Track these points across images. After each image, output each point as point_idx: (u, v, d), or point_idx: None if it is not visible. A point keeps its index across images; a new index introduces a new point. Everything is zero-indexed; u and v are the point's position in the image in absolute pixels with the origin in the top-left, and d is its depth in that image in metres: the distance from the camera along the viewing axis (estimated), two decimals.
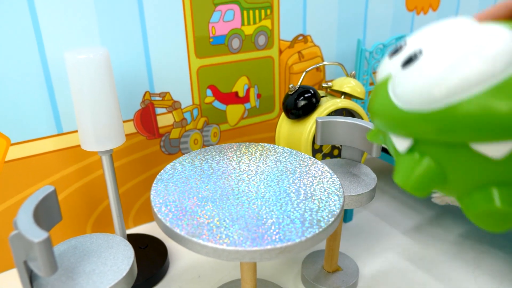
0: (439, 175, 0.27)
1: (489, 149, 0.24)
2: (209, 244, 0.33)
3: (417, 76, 0.25)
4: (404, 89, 0.26)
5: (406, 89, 0.26)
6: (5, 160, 0.56)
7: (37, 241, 0.32)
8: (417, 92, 0.25)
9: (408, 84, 0.26)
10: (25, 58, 0.54)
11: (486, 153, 0.24)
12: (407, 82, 0.26)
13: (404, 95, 0.26)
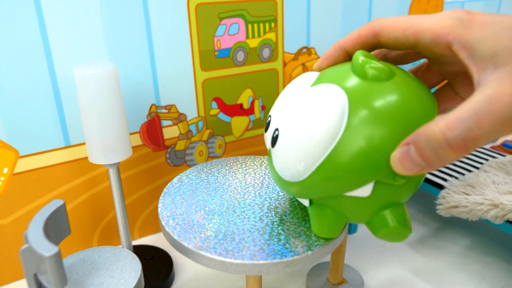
0: (341, 217, 0.34)
1: (356, 193, 0.32)
2: (217, 257, 0.33)
3: (278, 160, 0.33)
4: (277, 166, 0.33)
5: (278, 166, 0.33)
6: (14, 173, 0.57)
7: (47, 255, 0.32)
8: (282, 170, 0.33)
9: (278, 163, 0.33)
10: (34, 73, 0.55)
11: (357, 195, 0.31)
12: (277, 161, 0.33)
13: (279, 169, 0.33)
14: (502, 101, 0.23)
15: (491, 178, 0.66)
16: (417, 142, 0.26)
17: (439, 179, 0.68)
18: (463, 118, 0.24)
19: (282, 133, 0.33)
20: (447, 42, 0.28)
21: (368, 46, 0.34)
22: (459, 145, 0.24)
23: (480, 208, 0.59)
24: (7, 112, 0.54)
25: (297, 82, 0.36)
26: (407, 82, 0.31)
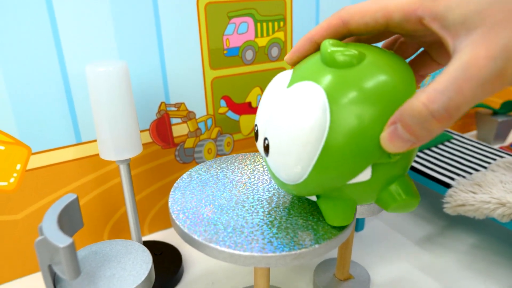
0: (350, 202, 0.35)
1: (358, 179, 0.33)
2: (226, 249, 0.34)
3: (275, 166, 0.34)
4: (276, 172, 0.35)
5: (277, 172, 0.34)
6: (27, 169, 0.58)
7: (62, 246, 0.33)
8: (281, 175, 0.34)
9: (276, 170, 0.34)
10: (46, 71, 0.56)
11: (359, 181, 0.32)
12: (275, 168, 0.34)
13: (279, 176, 0.35)
14: (477, 64, 0.24)
15: (498, 177, 0.66)
16: (403, 119, 0.27)
17: (447, 178, 0.68)
18: (442, 88, 0.24)
19: (272, 142, 0.33)
20: (417, 17, 0.28)
21: (338, 35, 0.34)
22: (443, 116, 0.25)
23: (487, 206, 0.59)
24: (19, 109, 0.56)
25: (274, 84, 0.36)
26: (380, 61, 0.31)
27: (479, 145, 0.82)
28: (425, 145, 0.80)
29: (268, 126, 0.33)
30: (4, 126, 0.55)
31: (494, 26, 0.24)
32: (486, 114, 1.06)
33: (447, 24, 0.26)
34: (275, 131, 0.32)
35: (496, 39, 0.24)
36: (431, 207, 0.80)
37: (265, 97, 0.36)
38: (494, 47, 0.24)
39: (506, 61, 0.24)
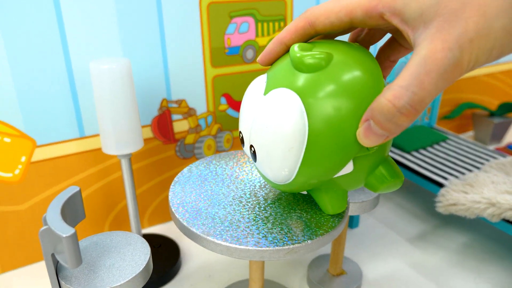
0: (341, 190, 0.38)
1: (342, 172, 0.35)
2: (223, 243, 0.36)
3: (264, 170, 0.36)
4: (266, 175, 0.37)
5: (266, 175, 0.37)
6: (31, 161, 0.60)
7: (65, 236, 0.35)
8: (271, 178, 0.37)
9: (265, 173, 0.37)
10: (52, 67, 0.57)
11: (344, 173, 0.35)
12: (264, 171, 0.37)
13: (268, 177, 0.37)
14: (435, 58, 0.25)
15: (490, 178, 0.68)
16: (374, 116, 0.28)
17: (440, 178, 0.70)
18: (406, 84, 0.26)
19: (257, 149, 0.35)
20: (378, 13, 0.29)
21: (306, 36, 0.35)
22: (409, 111, 0.26)
23: (478, 206, 0.60)
24: (25, 103, 0.57)
25: (251, 91, 0.37)
26: (348, 59, 0.32)
27: (474, 146, 0.83)
28: (420, 145, 0.81)
29: (251, 133, 0.35)
30: (10, 119, 0.57)
31: (448, 17, 0.25)
32: (482, 116, 1.07)
33: (406, 18, 0.27)
34: (259, 139, 0.34)
35: (450, 30, 0.25)
36: (424, 206, 0.81)
37: (245, 104, 0.37)
38: (449, 39, 0.25)
39: (461, 51, 0.25)
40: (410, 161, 0.76)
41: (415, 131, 0.87)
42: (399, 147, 0.81)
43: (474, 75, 1.06)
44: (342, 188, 0.38)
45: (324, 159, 0.33)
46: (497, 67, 1.09)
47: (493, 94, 1.13)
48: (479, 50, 0.25)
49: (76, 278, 0.38)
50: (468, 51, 0.25)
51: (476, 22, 0.24)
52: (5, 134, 0.57)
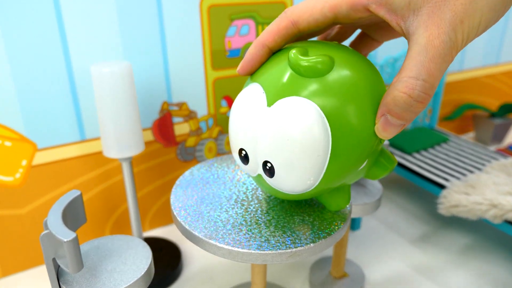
0: (346, 186, 0.39)
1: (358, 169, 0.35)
2: (225, 246, 0.36)
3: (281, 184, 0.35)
4: (282, 188, 0.36)
5: (283, 188, 0.35)
6: (32, 165, 0.60)
7: (66, 240, 0.35)
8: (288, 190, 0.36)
9: (283, 186, 0.35)
10: (53, 70, 0.57)
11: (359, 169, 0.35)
12: (282, 185, 0.35)
13: (286, 190, 0.36)
14: (434, 44, 0.27)
15: (492, 179, 0.68)
16: (391, 110, 0.30)
17: (441, 179, 0.70)
18: (415, 75, 0.27)
19: (277, 165, 0.33)
20: (363, 6, 0.30)
21: (289, 37, 0.34)
22: (424, 97, 0.28)
23: (479, 207, 0.60)
24: (26, 107, 0.57)
25: (247, 105, 0.34)
26: (348, 61, 0.33)
27: (475, 147, 0.83)
28: (421, 146, 0.81)
29: (267, 150, 0.33)
30: (11, 123, 0.57)
31: (436, 3, 0.27)
32: (483, 117, 1.07)
33: (394, 8, 0.29)
34: (279, 152, 0.32)
35: (441, 15, 0.27)
36: (425, 207, 0.81)
37: (241, 119, 0.35)
38: (443, 24, 0.27)
39: (455, 32, 0.27)
40: (411, 162, 0.76)
41: (416, 132, 0.87)
42: (400, 149, 0.81)
43: (475, 76, 1.06)
44: (346, 183, 0.38)
45: (348, 161, 0.33)
46: (497, 68, 1.09)
47: (493, 95, 1.13)
48: (469, 28, 0.27)
49: (77, 282, 0.38)
50: (460, 31, 0.27)
51: (463, 4, 0.26)
52: (6, 137, 0.57)
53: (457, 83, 1.03)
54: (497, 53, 1.07)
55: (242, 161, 0.36)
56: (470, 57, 1.02)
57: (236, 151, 0.36)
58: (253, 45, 0.35)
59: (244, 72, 0.36)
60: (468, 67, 1.03)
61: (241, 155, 0.36)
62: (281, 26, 0.34)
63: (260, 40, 0.35)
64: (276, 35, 0.34)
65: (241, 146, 0.35)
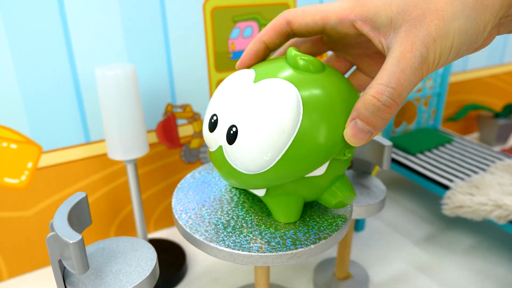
0: (299, 198, 0.38)
1: (314, 173, 0.36)
2: (225, 249, 0.36)
3: (239, 155, 0.34)
4: (239, 161, 0.35)
5: (240, 161, 0.35)
6: (38, 167, 0.60)
7: (72, 242, 0.35)
8: (244, 164, 0.35)
9: (240, 158, 0.34)
10: (58, 73, 0.58)
11: (314, 175, 0.36)
12: (239, 156, 0.34)
13: (241, 164, 0.35)
14: (406, 58, 0.29)
15: (496, 180, 0.68)
16: (360, 114, 0.31)
17: (446, 180, 0.70)
18: (386, 82, 0.30)
19: (242, 129, 0.34)
20: (350, 21, 0.32)
21: (283, 34, 0.37)
22: (391, 103, 0.30)
23: (484, 208, 0.60)
24: (31, 109, 0.58)
25: (234, 80, 0.37)
26: (335, 72, 0.36)
27: (479, 147, 0.83)
28: (425, 147, 0.81)
29: (238, 114, 0.34)
30: (16, 126, 0.57)
31: (413, 23, 0.29)
32: (488, 117, 1.07)
33: (376, 26, 0.31)
34: (248, 119, 0.34)
35: (416, 33, 0.29)
36: (430, 208, 0.81)
37: (225, 90, 0.37)
38: (416, 41, 0.29)
39: (427, 50, 0.29)
40: (415, 163, 0.76)
41: (420, 133, 0.87)
42: (404, 150, 0.81)
43: (479, 77, 1.05)
44: (300, 196, 0.38)
45: (309, 151, 0.33)
46: (501, 68, 1.09)
47: (497, 96, 1.13)
48: (441, 48, 0.29)
49: (83, 284, 0.38)
50: (433, 49, 0.29)
51: (436, 25, 0.29)
52: (12, 140, 0.58)
53: (461, 83, 1.03)
54: (501, 53, 1.06)
55: (208, 129, 0.37)
56: (474, 57, 1.02)
57: (207, 119, 0.37)
58: (251, 42, 0.38)
59: (242, 65, 0.38)
60: (472, 67, 1.02)
61: (211, 121, 0.37)
62: (276, 24, 0.36)
63: (257, 36, 0.38)
64: (272, 31, 0.37)
65: (215, 112, 0.36)
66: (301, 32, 0.36)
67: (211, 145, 0.38)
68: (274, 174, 0.35)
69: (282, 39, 0.37)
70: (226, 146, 0.35)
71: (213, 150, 0.38)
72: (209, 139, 0.37)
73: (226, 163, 0.37)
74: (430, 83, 0.88)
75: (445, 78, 0.88)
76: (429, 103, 0.90)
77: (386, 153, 0.52)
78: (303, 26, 0.36)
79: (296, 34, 0.37)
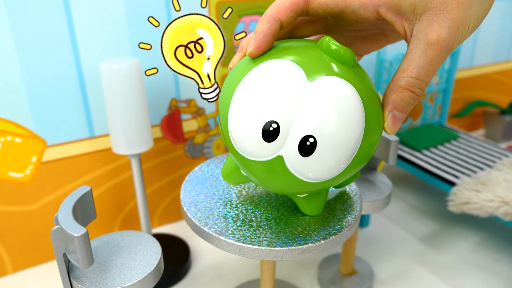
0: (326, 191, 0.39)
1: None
2: (235, 242, 0.35)
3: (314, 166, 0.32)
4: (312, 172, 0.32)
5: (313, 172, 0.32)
6: (42, 161, 0.60)
7: (76, 236, 0.35)
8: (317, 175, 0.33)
9: (315, 169, 0.32)
10: (62, 67, 0.57)
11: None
12: (313, 167, 0.32)
13: (314, 175, 0.33)
14: (433, 49, 0.30)
15: (503, 176, 0.67)
16: (397, 105, 0.33)
17: (452, 176, 0.69)
18: (415, 75, 0.31)
19: (322, 140, 0.31)
20: (374, 6, 0.33)
21: (299, 12, 0.34)
22: (421, 92, 0.32)
23: (490, 205, 0.60)
24: (35, 104, 0.57)
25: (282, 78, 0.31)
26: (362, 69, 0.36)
27: (485, 144, 0.82)
28: (431, 143, 0.81)
29: (311, 123, 0.31)
30: (21, 120, 0.57)
31: (436, 11, 0.30)
32: (494, 114, 1.06)
33: (401, 11, 0.32)
34: (328, 129, 0.31)
35: (441, 22, 0.30)
36: (435, 205, 0.81)
37: (278, 92, 0.31)
38: (442, 32, 0.30)
39: (452, 39, 0.30)
40: (421, 159, 0.76)
41: (426, 129, 0.87)
42: (409, 146, 0.80)
43: (485, 73, 1.05)
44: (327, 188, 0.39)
45: (370, 150, 0.34)
46: (508, 65, 1.08)
47: (504, 92, 1.12)
48: (461, 34, 0.31)
49: (87, 277, 0.38)
50: (456, 37, 0.31)
51: (458, 13, 0.30)
52: (16, 134, 0.57)
53: (467, 80, 1.02)
54: (508, 49, 1.06)
55: (264, 139, 0.31)
56: (480, 53, 1.01)
57: (256, 125, 0.32)
58: (263, 21, 0.33)
59: (259, 50, 0.33)
60: (478, 63, 1.02)
61: (269, 130, 0.31)
62: (294, 1, 0.33)
63: (271, 14, 0.33)
64: (289, 9, 0.33)
65: (272, 118, 0.31)
66: (317, 11, 0.34)
67: (261, 155, 0.33)
68: (339, 178, 0.34)
69: (296, 18, 0.34)
70: (295, 158, 0.32)
71: (264, 160, 0.33)
72: (261, 149, 0.32)
73: (285, 174, 0.33)
74: (436, 79, 0.88)
75: (451, 74, 0.88)
76: (435, 99, 0.90)
77: (392, 148, 0.51)
78: (322, 6, 0.34)
79: (310, 13, 0.34)
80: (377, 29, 0.38)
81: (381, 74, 0.78)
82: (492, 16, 0.98)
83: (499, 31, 1.01)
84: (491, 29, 0.99)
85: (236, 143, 0.33)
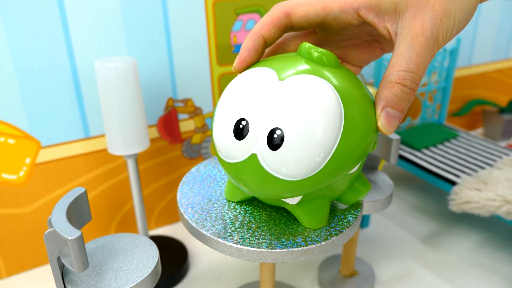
0: (327, 201, 0.36)
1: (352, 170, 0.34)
2: (234, 245, 0.35)
3: (285, 160, 0.31)
4: (285, 167, 0.32)
5: (287, 167, 0.32)
6: (36, 163, 0.59)
7: (70, 239, 0.34)
8: (290, 170, 0.32)
9: (287, 163, 0.31)
10: (56, 66, 0.56)
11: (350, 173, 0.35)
12: (285, 161, 0.31)
13: (288, 171, 0.32)
14: (419, 41, 0.31)
15: (504, 175, 0.66)
16: (390, 101, 0.32)
17: (452, 176, 0.69)
18: (405, 68, 0.31)
19: (289, 131, 0.30)
20: (354, 9, 0.33)
21: (282, 28, 0.36)
22: (414, 86, 0.32)
23: (492, 204, 0.59)
24: (29, 104, 0.56)
25: (254, 79, 0.33)
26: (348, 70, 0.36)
27: (485, 142, 0.82)
28: (430, 142, 0.80)
29: (278, 116, 0.31)
30: (14, 120, 0.56)
31: (418, 7, 0.31)
32: (492, 112, 1.06)
33: (381, 12, 0.32)
34: (295, 120, 0.31)
35: (423, 16, 0.31)
36: (436, 204, 0.80)
37: (245, 90, 0.33)
38: (425, 24, 0.31)
39: (437, 30, 0.31)
40: (420, 159, 0.75)
41: (425, 128, 0.86)
42: (409, 145, 0.79)
43: (484, 72, 1.04)
44: (328, 198, 0.37)
45: (355, 147, 0.32)
46: (507, 63, 1.08)
47: (503, 91, 1.12)
48: (447, 26, 0.31)
49: (82, 282, 0.37)
50: (441, 28, 0.31)
51: (440, 6, 0.30)
52: (9, 135, 0.56)
53: (466, 78, 1.02)
54: (507, 48, 1.05)
55: (235, 137, 0.32)
56: (479, 52, 1.00)
57: (229, 125, 0.33)
58: (247, 38, 0.36)
59: (243, 64, 0.36)
60: (477, 62, 1.01)
61: (238, 128, 0.32)
62: (274, 17, 0.35)
63: (254, 31, 0.36)
64: (270, 25, 0.35)
65: (242, 116, 0.32)
66: (300, 24, 0.35)
67: (237, 155, 0.33)
68: (323, 176, 0.33)
69: (280, 33, 0.36)
70: (266, 153, 0.32)
71: (241, 160, 0.33)
72: (236, 148, 0.33)
73: (262, 173, 0.33)
74: (435, 78, 0.87)
75: (450, 73, 0.87)
76: (434, 98, 0.89)
77: (393, 147, 0.50)
78: (303, 18, 0.35)
79: (294, 27, 0.36)
80: (368, 35, 0.38)
81: (381, 74, 0.77)
82: (491, 15, 0.98)
83: (498, 29, 1.01)
84: (490, 28, 0.99)
85: (217, 147, 0.35)
